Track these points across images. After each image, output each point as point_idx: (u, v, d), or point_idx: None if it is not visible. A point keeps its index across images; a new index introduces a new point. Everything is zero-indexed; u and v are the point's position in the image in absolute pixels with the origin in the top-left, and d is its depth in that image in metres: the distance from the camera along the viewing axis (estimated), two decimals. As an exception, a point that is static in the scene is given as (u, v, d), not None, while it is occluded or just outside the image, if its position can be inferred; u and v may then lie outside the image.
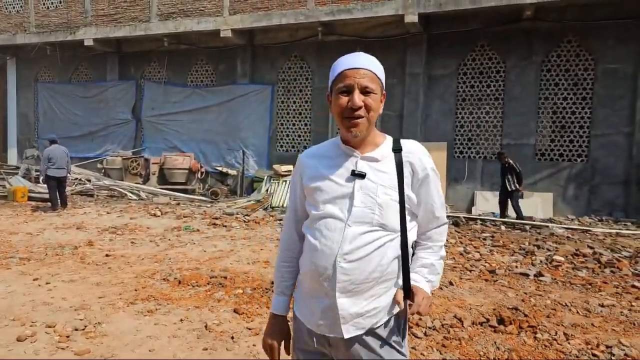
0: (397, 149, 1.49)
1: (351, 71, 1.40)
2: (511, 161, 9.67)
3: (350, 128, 1.42)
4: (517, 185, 9.64)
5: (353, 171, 1.45)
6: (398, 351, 1.48)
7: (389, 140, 1.53)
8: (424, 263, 1.53)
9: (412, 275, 1.49)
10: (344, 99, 1.41)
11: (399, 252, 1.46)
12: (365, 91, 1.40)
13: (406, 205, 1.47)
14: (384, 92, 1.48)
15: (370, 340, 1.45)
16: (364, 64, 1.42)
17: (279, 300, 1.64)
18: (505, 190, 9.76)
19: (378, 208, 1.42)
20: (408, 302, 1.45)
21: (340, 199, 1.44)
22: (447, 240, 6.59)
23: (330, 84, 1.48)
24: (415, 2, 10.91)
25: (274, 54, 13.43)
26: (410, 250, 1.51)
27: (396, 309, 1.47)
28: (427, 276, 1.51)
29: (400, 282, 1.47)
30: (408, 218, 1.49)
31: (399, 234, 1.46)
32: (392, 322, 1.48)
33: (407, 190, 1.47)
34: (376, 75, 1.43)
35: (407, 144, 1.51)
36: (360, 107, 1.39)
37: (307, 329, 1.52)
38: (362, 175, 1.44)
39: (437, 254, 1.57)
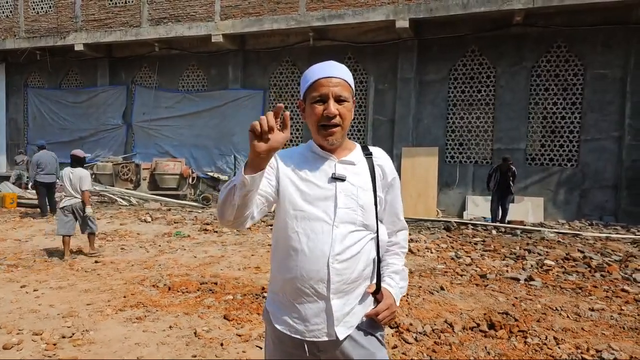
0: (368, 154, 1.58)
1: (325, 80, 1.44)
2: (512, 166, 9.78)
3: (326, 137, 1.46)
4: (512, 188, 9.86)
5: (333, 174, 1.48)
6: (382, 344, 1.54)
7: (358, 146, 1.61)
8: (395, 269, 1.60)
9: (387, 280, 1.56)
10: (319, 108, 1.44)
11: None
12: (339, 100, 1.44)
13: (378, 207, 1.54)
14: (354, 98, 1.53)
15: (357, 335, 1.48)
16: (337, 73, 1.46)
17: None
18: (506, 193, 9.76)
19: (360, 209, 1.47)
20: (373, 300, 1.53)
21: (322, 201, 1.46)
22: (438, 244, 6.59)
23: (303, 93, 1.50)
24: (406, 7, 10.99)
25: (265, 59, 13.44)
26: (383, 249, 1.59)
27: (373, 306, 1.52)
28: (399, 282, 1.58)
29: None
30: (380, 221, 1.57)
31: (377, 233, 1.53)
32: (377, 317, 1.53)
33: (380, 192, 1.55)
34: (348, 83, 1.47)
35: (375, 150, 1.61)
36: (336, 116, 1.43)
37: (295, 340, 1.46)
38: (342, 179, 1.48)
39: (402, 260, 1.65)
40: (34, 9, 15.49)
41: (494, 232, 8.96)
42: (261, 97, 13.47)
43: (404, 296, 4.68)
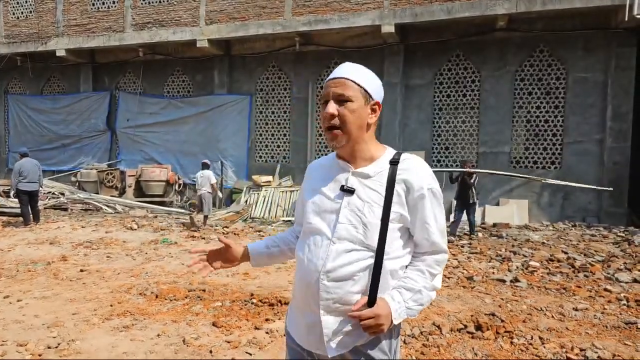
0: (393, 162, 1.40)
1: (330, 82, 1.40)
2: (474, 174, 8.99)
3: (329, 140, 1.41)
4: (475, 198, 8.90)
5: (342, 186, 1.41)
6: None
7: (388, 154, 1.45)
8: (410, 286, 1.38)
9: (392, 292, 1.36)
10: (323, 111, 1.40)
11: (386, 275, 1.36)
12: (338, 99, 1.36)
13: (397, 225, 1.38)
14: (373, 99, 1.41)
15: (355, 359, 1.41)
16: (343, 73, 1.39)
17: (257, 242, 1.72)
18: (466, 202, 8.83)
19: (362, 227, 1.36)
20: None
21: (328, 214, 1.41)
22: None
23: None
24: (391, 12, 11.08)
25: (251, 64, 13.43)
26: (401, 273, 1.42)
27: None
28: (407, 301, 1.36)
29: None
30: (401, 242, 1.41)
31: (388, 256, 1.36)
32: (382, 342, 1.41)
33: (400, 209, 1.37)
34: (356, 83, 1.37)
35: (406, 160, 1.41)
36: (332, 116, 1.36)
37: (300, 346, 1.50)
38: (350, 191, 1.39)
39: (427, 280, 1.40)
40: (13, 13, 15.26)
41: (480, 234, 9.05)
42: (247, 102, 13.44)
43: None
